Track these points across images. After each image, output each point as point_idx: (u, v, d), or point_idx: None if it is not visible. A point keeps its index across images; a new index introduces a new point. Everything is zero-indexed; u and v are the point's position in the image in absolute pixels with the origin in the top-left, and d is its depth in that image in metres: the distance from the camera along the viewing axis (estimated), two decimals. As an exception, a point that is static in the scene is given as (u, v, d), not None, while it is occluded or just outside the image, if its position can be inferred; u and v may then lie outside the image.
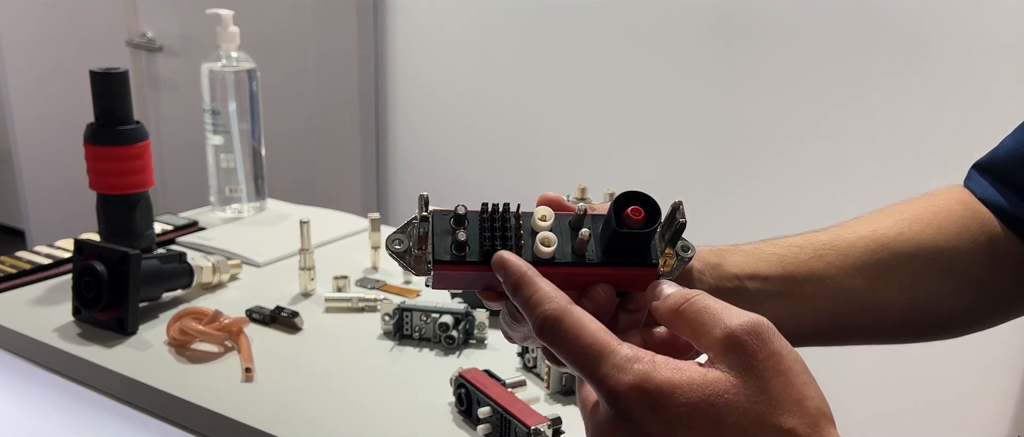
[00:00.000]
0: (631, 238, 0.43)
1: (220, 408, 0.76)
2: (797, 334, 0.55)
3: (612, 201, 0.42)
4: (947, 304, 0.58)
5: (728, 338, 0.37)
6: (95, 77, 0.99)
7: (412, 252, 0.44)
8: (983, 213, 0.59)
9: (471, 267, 0.43)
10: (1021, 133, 0.60)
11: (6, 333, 0.92)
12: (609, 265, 0.44)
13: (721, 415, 0.34)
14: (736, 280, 0.52)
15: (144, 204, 1.03)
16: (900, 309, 0.57)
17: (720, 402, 0.35)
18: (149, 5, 2.47)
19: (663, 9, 1.69)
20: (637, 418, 0.35)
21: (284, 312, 0.92)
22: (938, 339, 0.60)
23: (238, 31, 1.22)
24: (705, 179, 1.72)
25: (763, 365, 0.36)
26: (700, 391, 0.35)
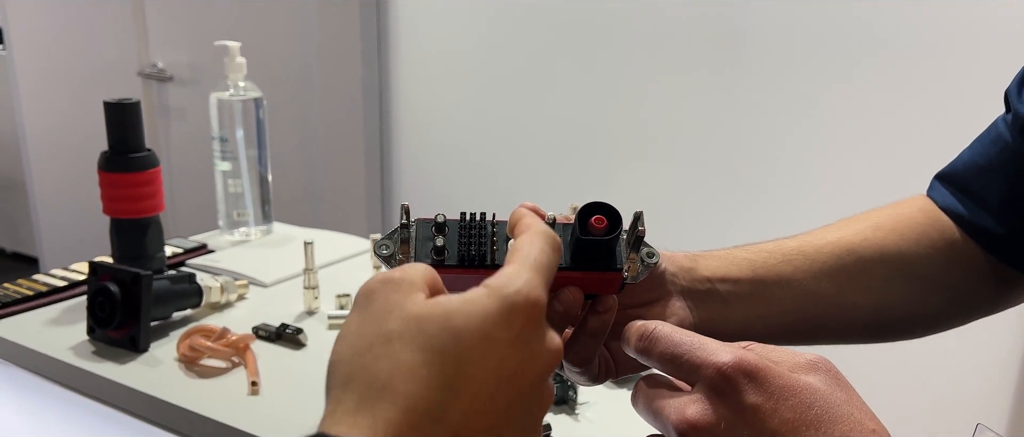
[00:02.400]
0: (595, 245, 0.46)
1: (228, 420, 0.80)
2: (767, 334, 0.58)
3: (577, 211, 0.46)
4: (910, 306, 0.62)
5: (818, 361, 0.42)
6: (109, 107, 1.04)
7: (396, 256, 0.47)
8: (943, 220, 0.63)
9: (450, 270, 0.47)
10: (977, 146, 0.63)
11: (24, 352, 0.96)
12: (576, 269, 0.47)
13: (811, 404, 0.39)
14: (708, 282, 0.55)
15: (155, 228, 1.08)
16: (865, 310, 0.60)
17: (806, 390, 0.40)
18: (160, 37, 2.54)
19: (657, 42, 1.73)
20: (740, 390, 0.40)
21: (289, 329, 0.96)
22: (902, 339, 0.64)
23: (245, 62, 1.27)
24: (698, 195, 1.76)
25: (846, 387, 0.41)
26: (788, 378, 0.40)
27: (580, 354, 0.50)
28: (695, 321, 0.54)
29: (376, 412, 0.31)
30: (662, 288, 0.54)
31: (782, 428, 0.39)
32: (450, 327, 0.34)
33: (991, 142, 0.62)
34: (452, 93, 2.04)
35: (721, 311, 0.55)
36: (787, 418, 0.39)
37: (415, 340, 0.33)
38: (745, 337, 0.57)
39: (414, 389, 0.32)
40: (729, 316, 0.56)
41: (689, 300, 0.55)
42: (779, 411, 0.39)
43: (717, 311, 0.55)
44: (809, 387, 0.40)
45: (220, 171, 1.29)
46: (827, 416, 0.39)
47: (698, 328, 0.55)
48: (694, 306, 0.55)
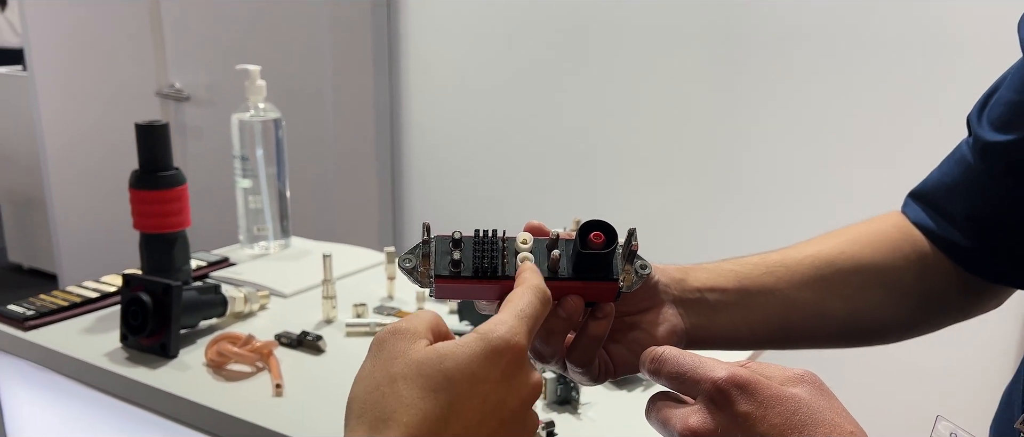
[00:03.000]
0: (594, 258, 0.52)
1: (255, 419, 0.86)
2: (752, 339, 0.64)
3: (578, 228, 0.52)
4: (884, 313, 0.67)
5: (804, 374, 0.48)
6: (140, 129, 1.11)
7: (418, 269, 0.53)
8: (915, 234, 0.68)
9: (465, 281, 0.52)
10: (945, 166, 0.69)
11: (61, 358, 1.02)
12: (577, 280, 0.53)
13: (796, 411, 0.45)
14: (698, 293, 0.61)
15: (182, 242, 1.14)
16: (842, 317, 0.66)
17: (792, 400, 0.45)
18: (178, 58, 2.62)
19: (663, 61, 1.80)
20: (732, 401, 0.45)
21: (309, 336, 1.02)
22: (878, 344, 0.69)
23: (265, 84, 1.33)
24: (701, 207, 1.82)
25: (829, 396, 0.47)
26: (777, 390, 0.46)
27: (582, 356, 0.56)
28: (686, 327, 0.60)
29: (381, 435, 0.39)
30: (656, 297, 0.59)
31: (770, 432, 0.45)
32: (443, 369, 0.41)
33: (956, 163, 0.67)
34: (461, 111, 2.10)
35: (709, 318, 0.61)
36: (775, 423, 0.45)
37: (415, 381, 0.41)
38: (732, 341, 0.63)
39: (414, 419, 0.40)
40: (717, 322, 0.61)
41: (680, 308, 0.60)
42: (767, 417, 0.45)
43: (706, 318, 0.61)
44: (795, 397, 0.46)
45: (241, 188, 1.35)
46: (810, 421, 0.45)
47: (689, 333, 0.60)
48: (685, 313, 0.60)
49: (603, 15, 1.85)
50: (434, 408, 0.40)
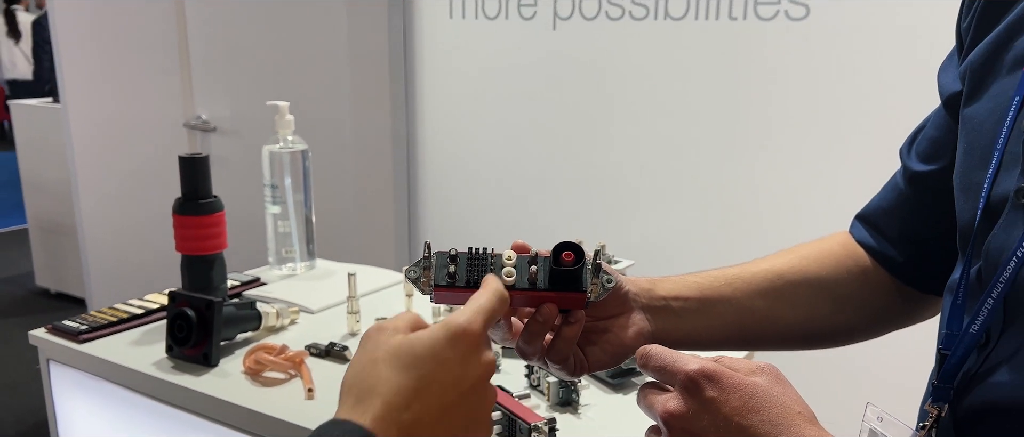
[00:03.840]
0: (565, 273, 0.63)
1: (290, 419, 0.97)
2: (712, 342, 0.75)
3: (553, 248, 0.63)
4: (830, 320, 0.77)
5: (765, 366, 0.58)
6: (183, 161, 1.23)
7: (421, 279, 0.64)
8: (858, 251, 0.79)
9: (458, 289, 0.63)
10: (883, 192, 0.79)
11: (112, 367, 1.13)
12: (552, 290, 0.63)
13: (753, 396, 0.55)
14: (664, 301, 0.72)
15: (219, 263, 1.26)
16: (792, 323, 0.76)
17: (751, 387, 0.56)
18: (204, 91, 2.76)
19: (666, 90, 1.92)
20: (701, 389, 0.56)
21: (336, 347, 1.13)
22: (827, 347, 0.79)
23: (293, 118, 1.46)
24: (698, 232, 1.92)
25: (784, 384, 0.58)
26: (739, 378, 0.56)
27: (558, 354, 0.67)
28: (652, 330, 0.71)
29: (366, 406, 0.50)
30: (626, 304, 0.70)
31: (732, 414, 0.56)
32: (413, 351, 0.52)
33: (891, 189, 0.78)
34: (472, 141, 2.23)
35: (673, 322, 0.72)
36: (735, 406, 0.55)
37: (391, 362, 0.51)
38: (694, 343, 0.73)
39: (390, 391, 0.50)
40: (680, 327, 0.72)
41: (648, 314, 0.71)
42: (729, 401, 0.56)
43: (670, 322, 0.72)
44: (753, 384, 0.56)
45: (271, 214, 1.47)
46: (765, 404, 0.56)
47: (655, 335, 0.71)
48: (652, 318, 0.71)
49: (612, 48, 1.97)
50: (406, 381, 0.50)
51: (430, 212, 2.35)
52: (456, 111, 2.25)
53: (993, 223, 0.59)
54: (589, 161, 2.06)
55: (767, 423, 0.55)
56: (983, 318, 0.58)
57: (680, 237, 1.96)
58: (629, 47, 1.94)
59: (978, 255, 0.61)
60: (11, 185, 6.79)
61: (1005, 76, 0.62)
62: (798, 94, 1.76)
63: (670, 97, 1.92)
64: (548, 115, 2.10)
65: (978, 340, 0.59)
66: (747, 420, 0.55)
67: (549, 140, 2.11)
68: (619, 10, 1.93)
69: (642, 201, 2.00)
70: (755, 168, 1.84)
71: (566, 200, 2.10)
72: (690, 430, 0.56)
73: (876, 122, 1.67)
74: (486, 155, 2.22)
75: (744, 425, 0.55)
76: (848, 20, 1.68)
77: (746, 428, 0.55)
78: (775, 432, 0.55)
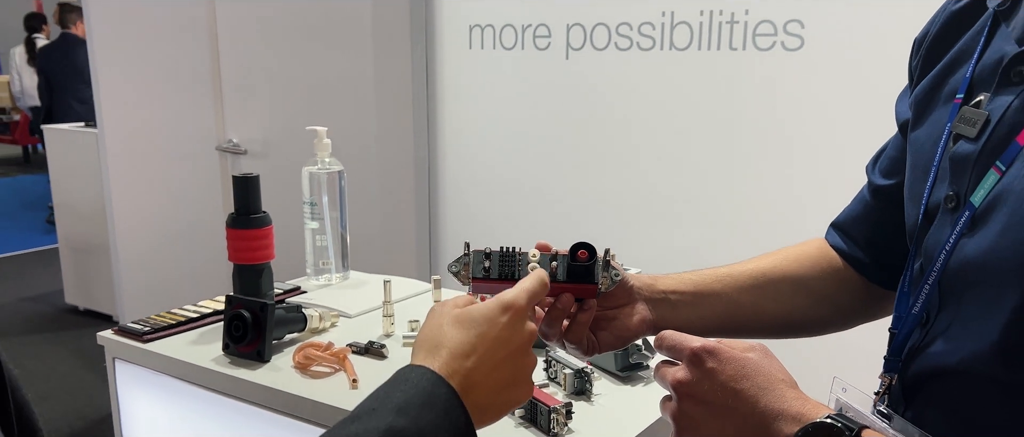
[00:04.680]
0: (580, 268, 0.77)
1: (337, 404, 1.10)
2: (704, 330, 0.87)
3: (570, 247, 0.77)
4: (807, 313, 0.91)
5: (756, 345, 0.71)
6: (237, 180, 1.37)
7: (461, 273, 0.79)
8: (832, 254, 0.92)
9: (493, 281, 0.78)
10: (852, 203, 0.92)
11: (175, 363, 1.27)
12: (569, 282, 0.78)
13: (744, 366, 0.68)
14: (663, 294, 0.85)
15: (267, 271, 1.40)
16: (774, 315, 0.89)
17: (743, 359, 0.68)
18: (235, 115, 2.92)
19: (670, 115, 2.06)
20: (703, 361, 0.69)
21: (374, 344, 1.26)
22: (805, 336, 0.92)
23: (330, 142, 1.60)
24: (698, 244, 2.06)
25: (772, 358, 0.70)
26: (735, 353, 0.69)
27: (574, 336, 0.81)
28: (653, 318, 0.84)
29: (434, 356, 0.65)
30: (631, 296, 0.84)
31: (727, 380, 0.68)
32: (471, 316, 0.67)
33: (859, 201, 0.91)
34: (488, 164, 2.37)
35: (671, 312, 0.85)
36: (730, 374, 0.68)
37: (454, 324, 0.67)
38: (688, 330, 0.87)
39: (453, 345, 0.65)
40: (677, 316, 0.85)
41: (649, 305, 0.85)
42: (725, 370, 0.69)
43: (668, 312, 0.85)
44: (746, 357, 0.69)
45: (309, 229, 1.61)
46: (754, 372, 0.68)
47: (655, 323, 0.84)
48: (653, 308, 0.84)
49: (621, 77, 2.11)
50: (466, 338, 0.66)
51: (449, 227, 2.49)
52: (474, 135, 2.40)
53: (930, 224, 0.73)
54: (599, 180, 2.20)
55: (756, 387, 0.68)
56: (922, 300, 0.71)
57: (683, 247, 2.09)
58: (636, 75, 2.08)
59: (920, 252, 0.74)
60: (39, 206, 7.01)
61: (941, 106, 0.76)
62: (792, 118, 1.90)
63: (674, 121, 2.06)
64: (560, 138, 2.24)
65: (920, 319, 0.72)
66: (739, 385, 0.68)
67: (561, 160, 2.25)
68: (628, 41, 2.07)
69: (648, 216, 2.14)
70: (752, 184, 1.97)
71: (577, 216, 2.23)
72: (694, 395, 0.69)
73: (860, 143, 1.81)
74: (502, 175, 2.36)
75: (737, 389, 0.68)
76: (838, 52, 1.81)
77: (738, 391, 0.68)
78: (762, 394, 0.68)
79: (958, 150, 0.69)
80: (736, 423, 0.67)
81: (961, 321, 0.67)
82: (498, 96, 2.33)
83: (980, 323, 0.64)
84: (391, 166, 2.52)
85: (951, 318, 0.69)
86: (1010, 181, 0.63)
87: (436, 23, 2.38)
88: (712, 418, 0.68)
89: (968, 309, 0.67)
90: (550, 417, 1.01)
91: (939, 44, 0.80)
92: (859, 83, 1.80)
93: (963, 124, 0.70)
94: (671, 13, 2.00)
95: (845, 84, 1.82)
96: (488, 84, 2.34)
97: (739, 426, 0.67)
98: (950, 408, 0.69)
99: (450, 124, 2.43)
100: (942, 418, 0.69)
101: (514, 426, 1.04)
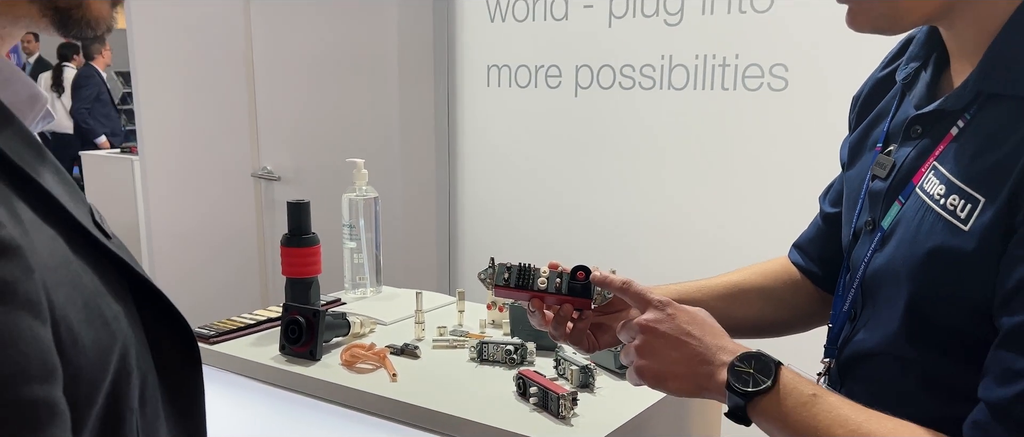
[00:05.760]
0: (578, 286, 0.98)
1: (380, 393, 1.31)
2: None
3: (572, 268, 0.99)
4: (772, 317, 1.11)
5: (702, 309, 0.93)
6: (291, 206, 1.59)
7: (487, 280, 1.00)
8: (793, 269, 1.12)
9: (511, 289, 1.00)
10: (810, 227, 1.13)
11: (239, 362, 1.48)
12: (570, 295, 0.99)
13: (695, 316, 0.89)
14: None
15: (315, 284, 1.61)
16: (745, 319, 1.10)
17: (694, 311, 0.90)
18: (269, 144, 3.15)
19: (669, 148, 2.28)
20: (665, 307, 0.89)
21: (409, 346, 1.47)
22: (768, 337, 1.13)
23: (367, 173, 1.82)
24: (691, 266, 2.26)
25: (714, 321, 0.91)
26: (687, 307, 0.90)
27: (575, 337, 1.03)
28: None
29: None
30: (624, 304, 1.04)
31: (683, 323, 0.88)
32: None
33: (814, 225, 1.12)
34: (504, 194, 2.60)
35: None
36: (685, 319, 0.89)
37: None
38: None
39: None
40: None
41: None
42: (681, 316, 0.89)
43: None
44: (697, 310, 0.90)
45: (347, 248, 1.83)
46: (702, 321, 0.89)
47: None
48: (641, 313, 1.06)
49: (625, 113, 2.34)
50: None
51: (468, 246, 2.71)
52: (491, 164, 2.63)
53: (856, 243, 0.94)
54: (603, 205, 2.41)
55: (703, 329, 0.89)
56: (850, 301, 0.92)
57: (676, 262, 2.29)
58: (638, 112, 2.30)
59: (849, 264, 0.95)
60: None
61: (867, 152, 0.97)
62: (776, 150, 2.11)
63: (672, 153, 2.27)
64: (569, 167, 2.46)
65: (849, 315, 0.93)
66: (691, 327, 0.89)
67: (569, 187, 2.47)
68: (631, 81, 2.30)
69: (647, 236, 2.35)
70: (739, 208, 2.18)
71: (583, 236, 2.45)
72: (656, 330, 0.89)
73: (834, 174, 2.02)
74: (516, 200, 2.58)
75: (689, 329, 0.89)
76: (819, 92, 2.03)
77: (690, 331, 0.89)
78: (707, 334, 0.88)
79: (874, 187, 0.91)
80: (687, 352, 0.87)
81: (875, 315, 0.88)
82: (513, 129, 2.56)
83: (887, 316, 0.85)
84: (414, 192, 2.75)
85: (870, 314, 0.90)
86: (906, 211, 0.85)
87: (457, 63, 2.62)
88: (669, 348, 0.88)
89: (879, 306, 0.88)
90: (559, 403, 1.21)
91: (868, 103, 1.01)
92: (835, 121, 2.01)
93: (878, 167, 0.91)
94: (669, 56, 2.23)
95: (823, 121, 2.03)
96: (504, 118, 2.57)
97: (689, 353, 0.87)
98: (871, 382, 0.90)
99: (469, 154, 2.66)
100: (865, 390, 0.90)
101: (529, 411, 1.25)
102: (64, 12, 0.60)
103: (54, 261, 0.53)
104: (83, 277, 0.57)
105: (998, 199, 0.72)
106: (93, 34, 0.63)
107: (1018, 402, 0.69)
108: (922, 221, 0.81)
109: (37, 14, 0.60)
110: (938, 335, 0.81)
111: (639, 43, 2.27)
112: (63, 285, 0.53)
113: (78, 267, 0.56)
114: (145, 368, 0.63)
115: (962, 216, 0.76)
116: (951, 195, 0.78)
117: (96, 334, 0.55)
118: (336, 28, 2.84)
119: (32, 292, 0.48)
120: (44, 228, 0.54)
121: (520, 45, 2.49)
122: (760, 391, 0.81)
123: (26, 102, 0.61)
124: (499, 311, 1.61)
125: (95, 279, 0.58)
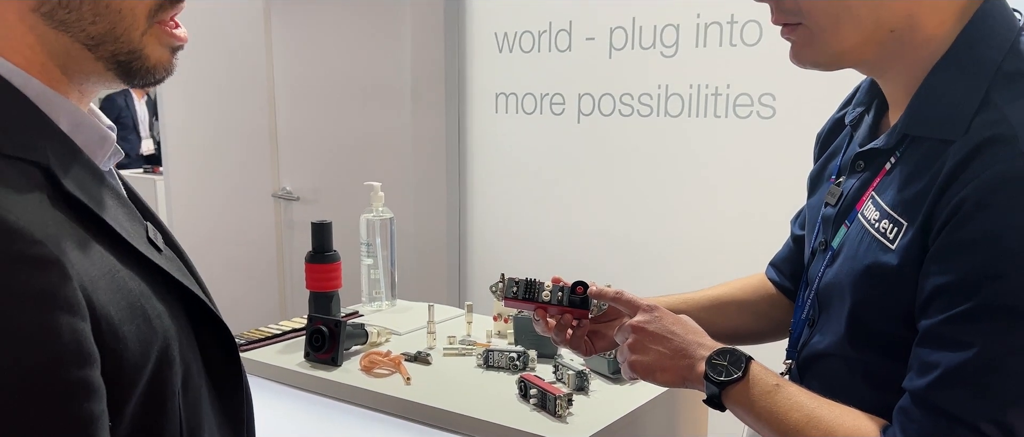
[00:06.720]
0: (578, 298, 1.12)
1: (394, 394, 1.45)
2: None
3: (572, 283, 1.13)
4: (749, 327, 1.24)
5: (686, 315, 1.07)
6: (314, 226, 1.74)
7: (497, 293, 1.14)
8: (769, 284, 1.26)
9: (519, 301, 1.14)
10: (783, 247, 1.27)
11: (267, 367, 1.63)
12: (570, 306, 1.13)
13: (678, 319, 1.04)
14: None
15: (336, 297, 1.76)
16: (725, 328, 1.22)
17: (677, 315, 1.04)
18: (289, 165, 3.31)
19: (665, 170, 2.42)
20: (653, 310, 1.04)
21: (422, 353, 1.62)
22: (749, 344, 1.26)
23: (384, 195, 1.97)
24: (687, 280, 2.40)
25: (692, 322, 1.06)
26: (671, 312, 1.05)
27: (574, 343, 1.16)
28: None
29: None
30: (619, 314, 1.18)
31: (668, 324, 1.02)
32: None
33: (786, 245, 1.25)
34: (512, 212, 2.74)
35: None
36: (670, 320, 1.02)
37: None
38: None
39: None
40: None
41: None
42: (667, 318, 1.03)
43: None
44: (680, 315, 1.04)
45: (365, 264, 1.98)
46: (684, 323, 1.02)
47: None
48: None
49: (624, 138, 2.48)
50: None
51: (477, 262, 2.86)
52: (498, 185, 2.78)
53: (813, 261, 1.08)
54: (604, 223, 2.56)
55: (685, 328, 1.03)
56: (807, 310, 1.06)
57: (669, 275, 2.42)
58: (636, 137, 2.45)
59: (808, 278, 1.09)
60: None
61: (825, 183, 1.11)
62: (764, 174, 2.25)
63: (668, 176, 2.42)
64: (571, 188, 2.61)
65: (807, 322, 1.07)
66: (675, 327, 1.03)
67: (571, 207, 2.62)
68: (629, 109, 2.45)
69: (645, 252, 2.49)
70: (730, 227, 2.32)
71: (584, 252, 2.59)
72: (646, 329, 1.03)
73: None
74: (522, 219, 2.73)
75: (674, 330, 1.03)
76: (803, 119, 2.17)
77: (675, 331, 1.02)
78: (688, 332, 1.02)
79: (826, 212, 1.05)
80: (671, 347, 1.02)
81: (827, 322, 1.02)
82: (519, 153, 2.71)
83: (835, 322, 0.99)
84: (425, 211, 2.90)
85: (823, 321, 1.04)
86: (850, 233, 0.99)
87: (467, 90, 2.78)
88: (656, 344, 1.03)
89: (830, 314, 1.01)
90: (556, 403, 1.35)
91: (827, 140, 1.16)
92: (821, 147, 2.16)
93: (830, 195, 1.05)
94: (666, 86, 2.38)
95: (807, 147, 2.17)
96: (511, 143, 2.72)
97: (673, 348, 1.01)
98: (824, 378, 1.03)
99: (478, 176, 2.81)
100: (820, 384, 1.03)
101: (529, 411, 1.39)
102: (124, 65, 0.68)
103: (98, 271, 0.62)
104: (129, 283, 0.65)
105: (916, 223, 0.86)
106: (155, 80, 0.72)
107: (932, 389, 0.82)
108: (861, 242, 0.95)
109: (103, 69, 0.67)
110: (875, 338, 0.94)
111: (637, 73, 2.42)
112: (105, 289, 0.62)
113: (125, 275, 0.65)
114: (189, 359, 0.72)
115: (891, 237, 0.90)
116: (883, 220, 0.92)
117: (137, 328, 0.64)
118: (353, 57, 3.00)
119: (71, 296, 0.57)
120: (94, 246, 0.63)
121: (526, 74, 2.65)
122: (732, 381, 0.95)
123: (97, 143, 0.71)
124: (504, 323, 1.75)
125: (142, 284, 0.67)
